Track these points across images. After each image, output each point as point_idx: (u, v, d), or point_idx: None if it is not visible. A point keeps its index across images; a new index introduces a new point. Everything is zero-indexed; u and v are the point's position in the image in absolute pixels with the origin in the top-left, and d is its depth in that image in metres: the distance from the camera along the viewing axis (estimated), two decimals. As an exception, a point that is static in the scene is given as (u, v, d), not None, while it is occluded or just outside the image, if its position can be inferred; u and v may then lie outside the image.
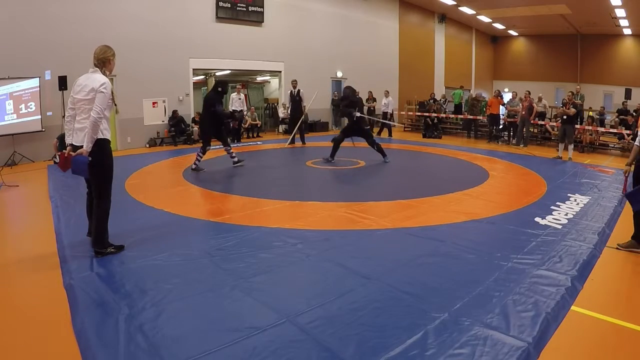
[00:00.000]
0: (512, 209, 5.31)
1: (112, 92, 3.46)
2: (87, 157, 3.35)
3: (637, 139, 3.99)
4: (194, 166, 7.65)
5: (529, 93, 11.75)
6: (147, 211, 5.12)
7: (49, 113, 9.19)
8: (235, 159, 7.95)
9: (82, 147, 3.37)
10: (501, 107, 12.76)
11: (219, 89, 7.71)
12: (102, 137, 3.44)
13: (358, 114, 8.31)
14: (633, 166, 4.01)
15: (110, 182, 3.62)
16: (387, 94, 14.16)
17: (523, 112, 11.43)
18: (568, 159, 9.37)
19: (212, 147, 8.01)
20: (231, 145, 8.12)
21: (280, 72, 14.29)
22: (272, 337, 2.43)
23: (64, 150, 3.57)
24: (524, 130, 11.61)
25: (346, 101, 8.49)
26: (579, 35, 21.42)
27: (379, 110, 14.31)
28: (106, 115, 3.43)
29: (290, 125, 11.96)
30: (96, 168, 3.43)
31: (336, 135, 8.70)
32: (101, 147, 3.44)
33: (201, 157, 7.73)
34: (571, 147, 9.62)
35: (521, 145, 11.45)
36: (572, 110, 9.47)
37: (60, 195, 5.84)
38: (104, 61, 3.52)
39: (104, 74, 3.52)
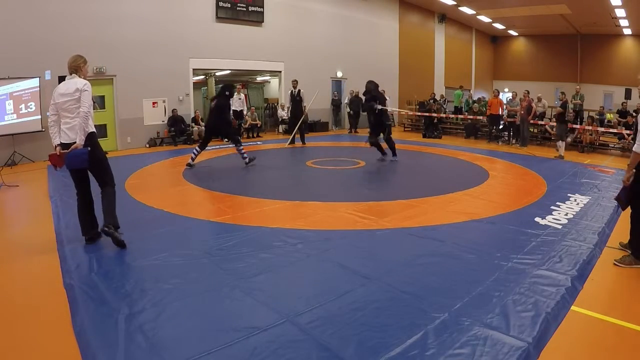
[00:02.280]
0: (512, 209, 5.30)
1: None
2: (86, 149, 3.64)
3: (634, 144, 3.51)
4: (190, 161, 7.81)
5: (528, 93, 11.75)
6: (147, 211, 5.12)
7: (48, 113, 9.18)
8: (247, 159, 7.95)
9: (73, 143, 3.65)
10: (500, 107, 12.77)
11: (227, 93, 7.76)
12: (92, 130, 3.76)
13: (379, 107, 8.28)
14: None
15: (110, 168, 3.93)
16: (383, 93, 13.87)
17: (522, 112, 11.44)
18: (559, 156, 9.55)
19: (211, 148, 8.04)
20: (242, 145, 8.13)
21: (280, 72, 14.29)
22: (272, 337, 2.43)
23: (54, 152, 3.79)
24: (524, 130, 11.62)
25: (368, 95, 8.44)
26: (579, 35, 21.44)
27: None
28: (90, 111, 3.75)
29: (290, 125, 11.96)
30: (93, 159, 3.71)
31: (369, 138, 8.60)
32: (92, 139, 3.75)
33: (196, 154, 7.86)
34: (562, 143, 9.79)
35: (521, 145, 11.46)
36: (558, 109, 9.89)
37: (60, 195, 5.84)
38: (76, 68, 3.84)
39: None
